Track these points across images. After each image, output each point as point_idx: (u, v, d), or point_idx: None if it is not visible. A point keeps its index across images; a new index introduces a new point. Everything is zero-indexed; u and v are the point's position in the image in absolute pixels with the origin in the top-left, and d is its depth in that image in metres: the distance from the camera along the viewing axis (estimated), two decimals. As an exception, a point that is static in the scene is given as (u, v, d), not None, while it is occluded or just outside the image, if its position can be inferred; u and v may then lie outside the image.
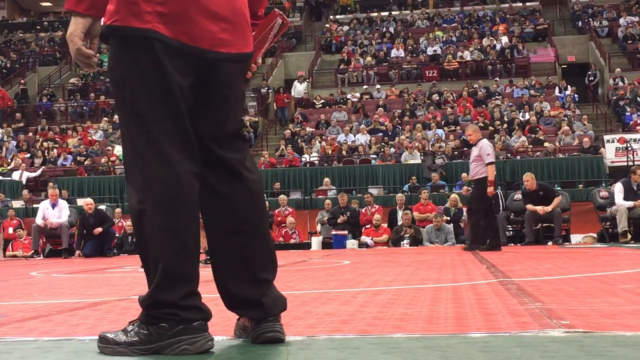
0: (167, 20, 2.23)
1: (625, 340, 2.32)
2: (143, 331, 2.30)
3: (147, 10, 2.22)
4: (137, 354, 2.28)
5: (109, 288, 5.52)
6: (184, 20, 2.25)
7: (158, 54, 2.23)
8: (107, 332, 2.39)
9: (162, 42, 2.22)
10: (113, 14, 2.25)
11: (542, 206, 13.65)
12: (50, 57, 34.81)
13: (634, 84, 25.35)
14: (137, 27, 2.22)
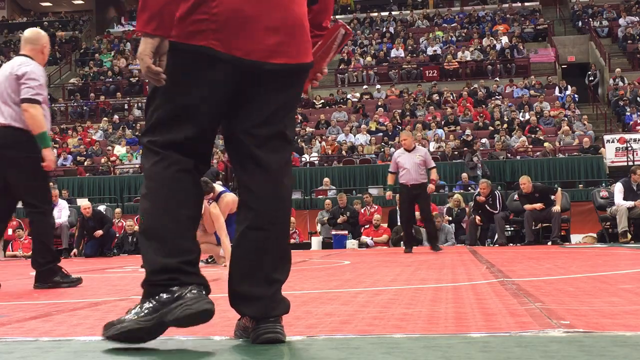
0: (220, 37, 2.38)
1: (625, 340, 2.32)
2: (146, 305, 2.38)
3: (202, 28, 2.37)
4: (140, 325, 2.35)
5: (109, 288, 5.52)
6: (237, 35, 2.39)
7: (205, 67, 2.40)
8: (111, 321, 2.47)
9: (214, 56, 2.38)
10: (175, 27, 2.40)
11: (540, 203, 13.67)
12: (50, 57, 34.82)
13: (634, 84, 25.35)
14: (193, 44, 2.38)
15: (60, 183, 20.35)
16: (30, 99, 5.54)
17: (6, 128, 5.58)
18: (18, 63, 5.70)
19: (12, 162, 5.59)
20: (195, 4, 2.38)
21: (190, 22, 2.38)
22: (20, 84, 5.55)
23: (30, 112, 5.50)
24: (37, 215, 5.67)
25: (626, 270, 6.06)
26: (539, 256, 8.78)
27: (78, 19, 39.96)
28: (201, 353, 2.31)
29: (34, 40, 5.84)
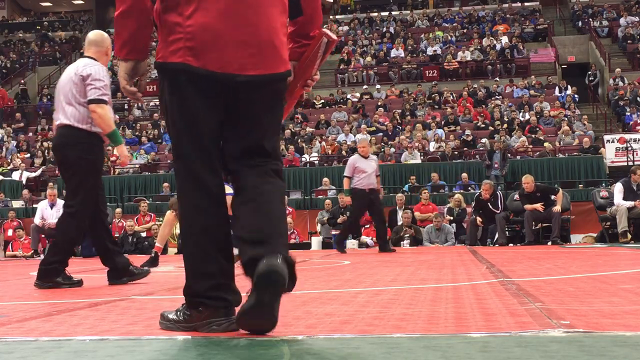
0: (195, 53, 2.58)
1: (625, 340, 2.32)
2: (187, 312, 2.74)
3: (179, 47, 2.59)
4: (180, 329, 2.73)
5: (109, 288, 5.52)
6: (211, 50, 2.58)
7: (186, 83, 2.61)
8: (166, 311, 2.86)
9: (191, 72, 2.58)
10: (158, 52, 2.66)
11: (539, 203, 13.68)
12: (50, 57, 34.82)
13: (634, 84, 25.35)
14: (172, 62, 2.61)
15: (60, 183, 20.33)
16: (97, 100, 5.62)
17: (69, 128, 5.66)
18: (82, 64, 5.77)
19: (71, 162, 5.67)
20: (172, 25, 2.59)
21: (169, 43, 2.61)
22: (86, 85, 5.63)
23: (99, 113, 5.60)
24: (69, 214, 5.69)
25: (626, 270, 6.06)
26: (539, 256, 8.78)
27: (78, 19, 39.96)
28: (201, 352, 2.31)
29: (98, 43, 5.93)
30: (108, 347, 2.46)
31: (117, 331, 2.82)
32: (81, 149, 5.65)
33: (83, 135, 5.66)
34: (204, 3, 2.59)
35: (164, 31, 2.62)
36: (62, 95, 5.74)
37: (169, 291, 5.03)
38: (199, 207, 2.69)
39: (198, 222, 2.69)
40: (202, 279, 2.68)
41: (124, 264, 5.86)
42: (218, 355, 2.26)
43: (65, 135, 5.68)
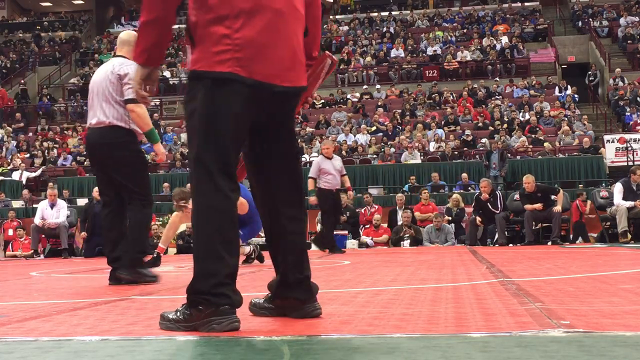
0: (243, 64, 2.76)
1: (625, 340, 2.32)
2: (186, 311, 2.81)
3: (227, 57, 2.75)
4: (180, 329, 2.77)
5: (109, 288, 5.52)
6: (256, 62, 2.78)
7: (231, 91, 2.78)
8: (166, 311, 2.90)
9: (239, 81, 2.76)
10: (197, 62, 2.80)
11: (539, 203, 13.68)
12: (50, 57, 34.81)
13: (634, 84, 25.35)
14: (220, 71, 2.76)
15: (60, 183, 20.35)
16: (135, 99, 5.61)
17: (108, 127, 5.73)
18: (119, 63, 5.83)
19: (116, 161, 5.75)
20: (219, 37, 2.75)
21: (215, 53, 2.76)
22: (123, 84, 5.70)
23: (137, 112, 5.67)
24: (141, 203, 5.78)
25: (626, 270, 6.06)
26: (539, 256, 8.78)
27: (78, 19, 39.95)
28: (201, 352, 2.31)
29: (131, 42, 5.93)
30: (108, 347, 2.46)
31: (117, 331, 2.82)
32: (125, 147, 5.76)
33: (122, 134, 5.75)
34: (250, 19, 2.78)
35: (207, 42, 2.77)
36: (99, 94, 5.79)
37: (168, 291, 5.03)
38: (216, 208, 2.80)
39: (212, 222, 2.79)
40: (207, 278, 2.76)
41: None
42: (218, 355, 2.26)
43: (106, 135, 5.74)
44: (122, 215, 5.87)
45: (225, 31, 2.76)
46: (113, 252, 5.87)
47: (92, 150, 5.97)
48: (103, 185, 5.97)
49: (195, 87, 2.82)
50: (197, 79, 2.81)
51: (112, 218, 5.92)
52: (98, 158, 5.89)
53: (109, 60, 6.07)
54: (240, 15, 2.77)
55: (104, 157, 5.81)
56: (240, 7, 2.77)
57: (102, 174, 5.93)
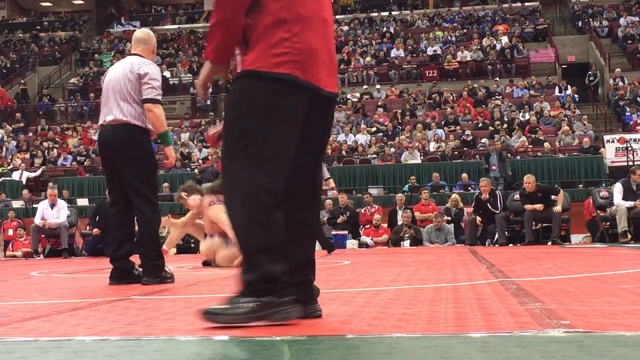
0: (300, 67, 2.89)
1: (625, 340, 2.32)
2: (255, 302, 2.81)
3: (286, 60, 2.87)
4: (251, 319, 2.80)
5: (109, 288, 5.52)
6: (312, 66, 2.92)
7: (288, 92, 2.89)
8: (212, 307, 2.87)
9: (297, 83, 2.88)
10: (255, 62, 2.90)
11: (539, 204, 13.68)
12: (50, 57, 34.81)
13: (634, 84, 25.34)
14: (280, 72, 2.87)
15: (60, 183, 20.36)
16: (154, 99, 5.72)
17: (125, 125, 5.71)
18: (137, 62, 5.81)
19: (129, 159, 5.72)
20: (279, 40, 2.87)
21: (273, 55, 2.87)
22: (142, 84, 5.70)
23: (155, 112, 5.71)
24: (148, 206, 5.77)
25: (626, 270, 6.06)
26: (539, 256, 8.78)
27: (78, 19, 39.95)
28: (200, 352, 2.31)
29: (147, 41, 6.02)
30: (108, 347, 2.46)
31: (117, 331, 2.82)
32: (139, 146, 5.75)
33: (139, 132, 5.74)
34: (307, 25, 2.93)
35: (265, 44, 2.89)
36: (116, 92, 5.77)
37: (168, 291, 5.03)
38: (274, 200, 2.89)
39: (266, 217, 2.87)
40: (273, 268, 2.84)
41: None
42: (218, 355, 2.26)
43: (122, 133, 5.72)
44: (130, 214, 5.85)
45: (285, 34, 2.89)
46: (117, 252, 5.86)
47: (105, 148, 5.89)
48: (112, 184, 5.93)
49: (251, 86, 2.90)
50: (254, 78, 2.90)
51: (120, 217, 5.90)
52: (110, 156, 5.83)
53: (125, 58, 6.05)
54: (298, 21, 2.91)
55: (117, 155, 5.75)
56: (299, 12, 2.91)
57: (111, 172, 5.88)
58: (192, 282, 5.93)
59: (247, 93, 2.91)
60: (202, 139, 24.40)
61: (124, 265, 5.86)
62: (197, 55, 32.63)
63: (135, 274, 5.85)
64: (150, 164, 5.85)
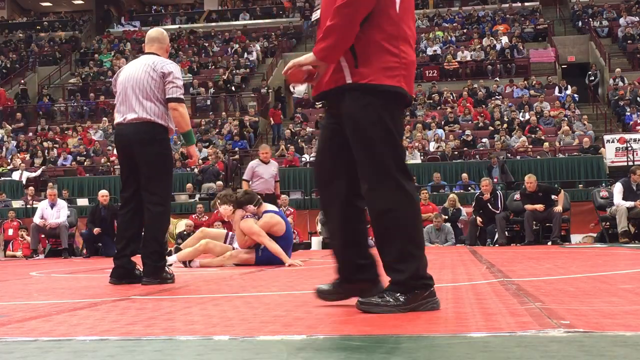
0: (406, 81, 3.23)
1: (625, 340, 2.32)
2: (405, 296, 3.17)
3: (396, 74, 3.18)
4: (402, 311, 3.13)
5: (110, 288, 5.52)
6: (410, 79, 3.27)
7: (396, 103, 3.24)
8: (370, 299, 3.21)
9: (405, 95, 3.24)
10: (367, 75, 3.17)
11: (540, 204, 13.69)
12: (50, 57, 34.81)
13: (634, 84, 25.35)
14: (390, 85, 3.17)
15: (60, 183, 20.36)
16: (178, 99, 5.75)
17: (148, 123, 5.71)
18: (159, 61, 5.81)
19: (149, 158, 5.71)
20: (389, 55, 3.16)
21: (384, 69, 3.16)
22: (166, 83, 5.71)
23: (180, 111, 5.73)
24: (159, 207, 5.74)
25: (626, 270, 6.06)
26: (539, 256, 8.78)
27: (78, 19, 39.96)
28: (200, 352, 2.31)
29: (161, 40, 6.03)
30: (108, 347, 2.46)
31: (117, 331, 2.82)
32: (160, 145, 5.75)
33: (162, 131, 5.74)
34: (409, 43, 3.25)
35: (375, 58, 3.17)
36: (137, 90, 5.74)
37: (168, 291, 5.03)
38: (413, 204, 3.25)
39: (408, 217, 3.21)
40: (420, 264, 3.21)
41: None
42: (215, 354, 2.26)
43: (145, 131, 5.70)
44: (140, 215, 5.82)
45: (394, 50, 3.18)
46: (123, 251, 5.85)
47: (125, 146, 5.83)
48: (127, 183, 5.87)
49: (365, 99, 3.17)
50: (367, 92, 3.16)
51: (130, 217, 5.87)
52: (130, 154, 5.78)
53: (142, 57, 6.01)
54: (404, 38, 3.22)
55: (138, 153, 5.72)
56: (405, 31, 3.23)
57: (128, 171, 5.84)
58: (191, 282, 5.93)
59: (360, 105, 3.18)
60: (202, 139, 24.42)
61: (126, 265, 5.84)
62: (197, 55, 32.64)
63: (137, 274, 5.82)
64: (167, 163, 5.85)
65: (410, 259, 3.19)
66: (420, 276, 3.20)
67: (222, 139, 24.77)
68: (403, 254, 3.20)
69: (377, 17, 3.15)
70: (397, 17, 3.19)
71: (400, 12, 3.20)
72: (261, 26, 35.75)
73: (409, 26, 3.26)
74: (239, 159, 23.49)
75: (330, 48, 3.14)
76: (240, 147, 24.28)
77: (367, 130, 3.18)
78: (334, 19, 3.09)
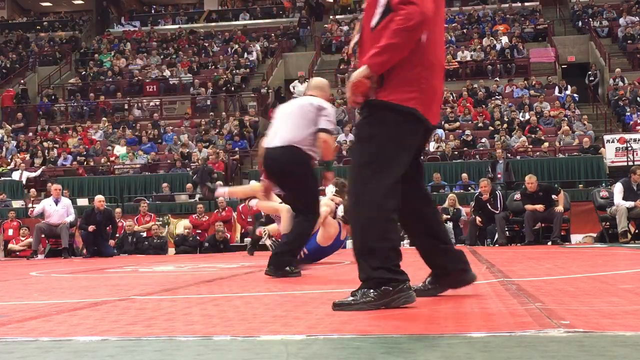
0: (422, 104, 3.50)
1: (625, 340, 2.32)
2: (373, 293, 3.37)
3: (415, 96, 3.47)
4: (373, 307, 3.29)
5: (109, 288, 5.52)
6: (429, 105, 3.56)
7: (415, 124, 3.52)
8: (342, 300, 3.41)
9: (419, 117, 3.50)
10: (392, 94, 3.46)
11: (540, 204, 13.68)
12: (50, 57, 34.81)
13: (634, 84, 25.33)
14: (407, 106, 3.46)
15: (60, 183, 20.32)
16: (329, 130, 6.43)
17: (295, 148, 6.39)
18: (317, 100, 6.49)
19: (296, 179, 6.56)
20: (412, 80, 3.47)
21: (405, 91, 3.46)
22: (320, 115, 6.36)
23: (329, 142, 6.42)
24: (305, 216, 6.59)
25: (626, 270, 6.06)
26: (539, 256, 8.78)
27: (78, 19, 39.96)
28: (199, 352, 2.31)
29: (323, 88, 6.78)
30: (108, 347, 2.47)
31: (117, 331, 2.82)
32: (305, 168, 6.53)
33: (307, 157, 6.48)
34: (433, 71, 3.55)
35: (400, 81, 3.47)
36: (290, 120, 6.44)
37: (168, 291, 5.03)
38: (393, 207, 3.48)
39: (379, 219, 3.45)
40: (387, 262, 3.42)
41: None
42: (215, 354, 2.26)
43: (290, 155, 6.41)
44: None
45: (416, 77, 3.48)
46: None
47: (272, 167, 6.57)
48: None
49: (383, 114, 3.48)
50: (386, 108, 3.46)
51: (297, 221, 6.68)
52: (278, 175, 6.60)
53: (301, 97, 6.84)
54: (428, 67, 3.52)
55: (286, 174, 6.54)
56: (430, 60, 3.53)
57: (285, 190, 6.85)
58: (191, 283, 5.93)
59: (379, 120, 3.48)
60: (202, 139, 24.41)
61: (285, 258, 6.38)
62: (197, 55, 32.64)
63: (288, 271, 6.25)
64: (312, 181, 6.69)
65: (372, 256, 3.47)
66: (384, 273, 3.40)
67: (222, 138, 24.76)
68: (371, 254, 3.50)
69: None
70: (422, 46, 3.47)
71: (427, 41, 3.50)
72: (261, 26, 35.73)
73: (435, 55, 3.56)
74: (239, 159, 23.48)
75: (385, 63, 3.43)
76: (241, 147, 24.28)
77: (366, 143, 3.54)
78: (394, 39, 3.38)
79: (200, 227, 17.22)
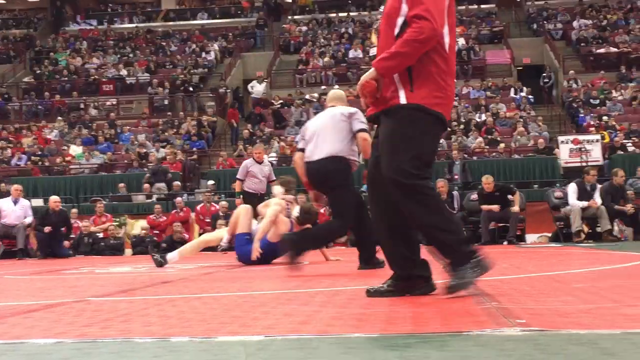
0: (445, 109, 3.87)
1: (579, 338, 2.35)
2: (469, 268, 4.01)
3: (440, 102, 3.81)
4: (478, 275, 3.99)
5: (65, 290, 5.45)
6: (449, 108, 3.94)
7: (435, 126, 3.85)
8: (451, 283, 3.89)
9: (442, 120, 3.85)
10: (424, 98, 3.76)
11: (496, 205, 13.82)
12: (4, 55, 34.23)
13: (588, 85, 25.72)
14: (435, 110, 3.79)
15: (14, 183, 20.01)
16: (365, 129, 6.90)
17: (336, 158, 6.82)
18: (344, 108, 7.03)
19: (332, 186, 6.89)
20: (440, 86, 3.79)
21: (434, 97, 3.78)
22: (352, 120, 6.87)
23: (368, 140, 6.69)
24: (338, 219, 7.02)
25: (580, 269, 6.15)
26: (495, 256, 8.83)
27: (32, 17, 39.35)
28: (157, 354, 2.29)
29: (342, 98, 7.40)
30: (64, 350, 2.43)
31: (72, 333, 2.78)
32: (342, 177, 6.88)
33: (345, 164, 6.88)
34: (453, 78, 3.91)
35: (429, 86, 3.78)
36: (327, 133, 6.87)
37: (125, 292, 4.98)
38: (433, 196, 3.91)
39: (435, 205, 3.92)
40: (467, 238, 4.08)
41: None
42: (173, 355, 2.25)
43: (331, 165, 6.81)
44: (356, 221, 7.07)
45: (442, 83, 3.81)
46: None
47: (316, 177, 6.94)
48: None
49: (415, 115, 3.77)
50: (420, 111, 3.76)
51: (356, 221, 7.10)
52: (321, 184, 6.96)
53: (326, 110, 7.21)
54: (451, 74, 3.87)
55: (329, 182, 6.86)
56: (452, 68, 3.88)
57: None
58: (149, 284, 5.88)
59: (415, 120, 3.77)
60: (159, 139, 24.21)
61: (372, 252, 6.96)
62: (155, 54, 32.37)
63: (375, 262, 6.82)
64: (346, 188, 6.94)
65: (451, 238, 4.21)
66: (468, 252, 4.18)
67: (180, 139, 24.59)
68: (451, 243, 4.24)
69: (433, 53, 3.77)
70: (446, 55, 3.83)
71: (449, 52, 3.85)
72: (219, 26, 35.57)
73: (453, 64, 3.93)
74: (197, 159, 23.34)
75: (392, 68, 3.76)
76: (198, 147, 24.13)
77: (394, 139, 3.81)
78: (404, 48, 3.70)
79: (158, 227, 17.08)
